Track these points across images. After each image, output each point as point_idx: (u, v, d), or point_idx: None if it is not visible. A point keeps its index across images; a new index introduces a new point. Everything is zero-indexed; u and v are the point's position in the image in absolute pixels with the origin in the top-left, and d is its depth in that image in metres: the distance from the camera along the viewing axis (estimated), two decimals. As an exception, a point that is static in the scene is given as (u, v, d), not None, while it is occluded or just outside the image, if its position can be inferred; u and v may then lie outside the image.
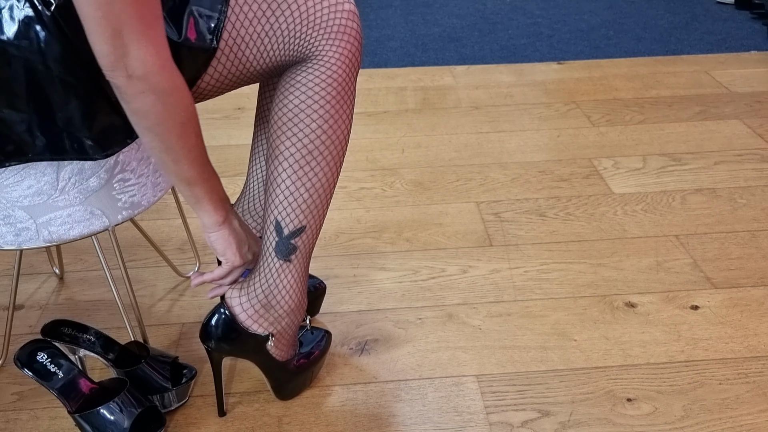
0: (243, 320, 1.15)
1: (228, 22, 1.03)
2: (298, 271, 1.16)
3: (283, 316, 1.17)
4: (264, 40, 1.06)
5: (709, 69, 2.59)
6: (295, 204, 1.12)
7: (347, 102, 1.11)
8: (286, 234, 1.13)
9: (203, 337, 1.16)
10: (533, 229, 1.70)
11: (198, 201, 1.09)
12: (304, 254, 1.15)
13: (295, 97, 1.09)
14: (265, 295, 1.15)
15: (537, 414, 1.21)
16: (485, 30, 3.07)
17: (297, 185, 1.11)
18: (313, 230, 1.14)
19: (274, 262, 1.14)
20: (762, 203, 1.78)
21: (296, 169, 1.11)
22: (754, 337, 1.36)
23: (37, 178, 1.09)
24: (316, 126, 1.10)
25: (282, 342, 1.19)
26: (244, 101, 2.40)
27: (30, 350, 1.19)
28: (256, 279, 1.16)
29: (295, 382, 1.24)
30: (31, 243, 1.14)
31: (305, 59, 1.09)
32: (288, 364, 1.22)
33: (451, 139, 2.14)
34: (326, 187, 1.13)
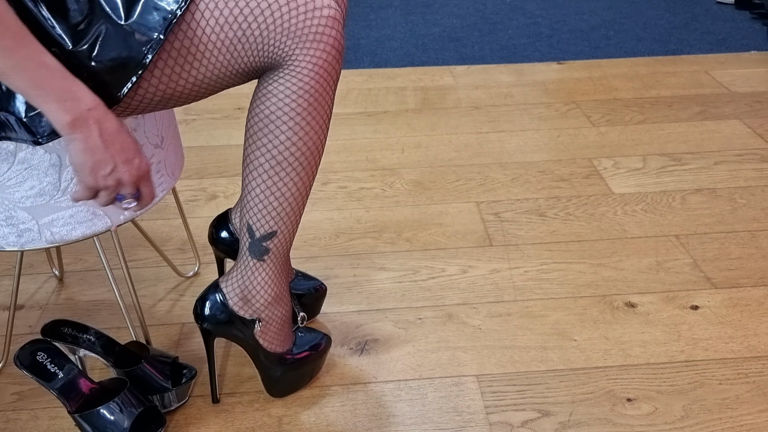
0: (231, 304, 1.19)
1: (184, 23, 0.99)
2: (272, 269, 1.18)
3: (262, 308, 1.19)
4: (229, 46, 1.02)
5: (709, 69, 2.59)
6: (265, 211, 1.13)
7: (321, 112, 1.09)
8: (258, 237, 1.14)
9: (196, 315, 1.20)
10: (533, 229, 1.70)
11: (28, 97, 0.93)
12: (278, 255, 1.17)
13: (266, 107, 1.08)
14: (241, 289, 1.18)
15: (537, 414, 1.21)
16: (485, 30, 3.07)
17: (266, 193, 1.12)
18: (284, 234, 1.15)
19: (248, 260, 1.17)
20: (762, 203, 1.78)
21: (265, 178, 1.11)
22: (754, 337, 1.36)
23: (40, 179, 1.09)
24: (285, 138, 1.08)
25: (270, 331, 1.21)
26: (244, 101, 2.40)
27: (30, 350, 1.19)
28: (235, 272, 1.19)
29: (286, 378, 1.24)
30: (34, 244, 1.14)
31: (277, 66, 1.06)
32: (280, 357, 1.22)
33: (451, 139, 2.14)
34: (297, 195, 1.13)
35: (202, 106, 2.37)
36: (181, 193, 1.86)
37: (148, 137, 1.19)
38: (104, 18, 0.97)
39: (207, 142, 2.15)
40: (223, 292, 1.19)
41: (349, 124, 2.23)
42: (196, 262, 1.59)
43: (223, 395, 1.27)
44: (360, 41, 2.96)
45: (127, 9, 0.97)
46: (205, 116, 2.31)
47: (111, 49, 0.98)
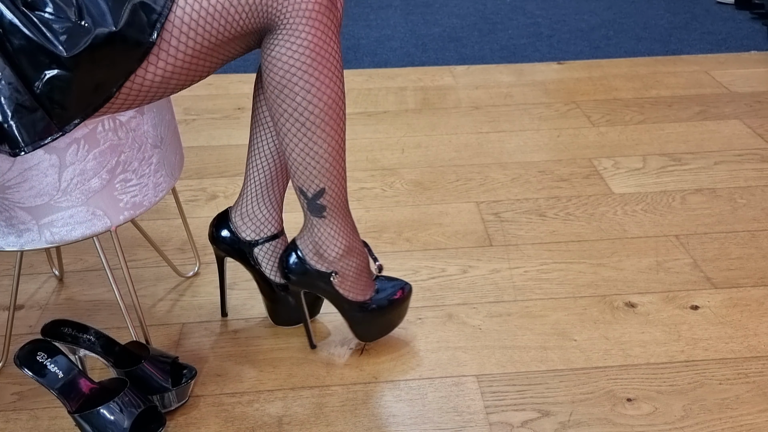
0: (307, 259, 1.27)
1: (177, 7, 1.02)
2: (334, 223, 1.24)
3: (336, 260, 1.26)
4: (221, 16, 1.04)
5: (709, 69, 2.59)
6: (307, 172, 1.18)
7: (330, 62, 1.12)
8: (310, 197, 1.21)
9: (282, 272, 1.29)
10: (533, 229, 1.70)
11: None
12: (335, 209, 1.23)
13: (275, 74, 1.12)
14: (313, 245, 1.26)
15: (537, 414, 1.21)
16: (485, 30, 3.07)
17: (302, 155, 1.17)
18: (333, 189, 1.21)
19: (311, 219, 1.24)
20: (762, 203, 1.78)
21: (296, 141, 1.16)
22: (754, 337, 1.36)
23: (39, 180, 1.09)
24: (301, 98, 1.12)
25: (347, 281, 1.28)
26: (244, 101, 2.40)
27: (30, 350, 1.19)
28: (305, 233, 1.26)
29: (371, 323, 1.31)
30: (34, 244, 1.14)
31: (273, 27, 1.09)
32: (361, 305, 1.29)
33: (451, 139, 2.14)
34: (331, 149, 1.18)
35: (202, 106, 2.37)
36: (181, 193, 1.86)
37: (147, 137, 1.19)
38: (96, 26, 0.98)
39: (207, 142, 2.15)
40: (300, 248, 1.26)
41: (349, 124, 2.23)
42: (196, 262, 1.59)
43: (223, 395, 1.27)
44: (360, 41, 2.96)
45: (115, 13, 0.99)
46: (205, 116, 2.31)
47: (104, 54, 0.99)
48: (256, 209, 1.32)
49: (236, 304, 1.48)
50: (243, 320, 1.44)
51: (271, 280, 1.35)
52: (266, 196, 1.32)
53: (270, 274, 1.35)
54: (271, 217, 1.33)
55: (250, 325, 1.43)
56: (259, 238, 1.33)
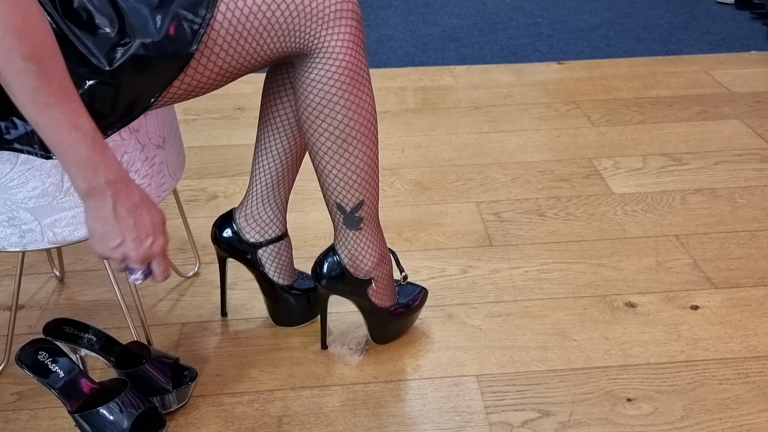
0: (347, 266, 1.27)
1: (215, 21, 1.04)
2: (370, 234, 1.27)
3: (371, 270, 1.28)
4: (257, 36, 1.07)
5: (709, 69, 2.59)
6: (347, 186, 1.21)
7: (363, 81, 1.15)
8: (349, 211, 1.23)
9: (315, 275, 1.29)
10: (533, 229, 1.70)
11: (54, 153, 0.92)
12: (371, 220, 1.26)
13: (314, 95, 1.14)
14: (349, 258, 1.27)
15: (537, 414, 1.21)
16: (485, 30, 3.07)
17: (343, 171, 1.19)
18: (371, 199, 1.24)
19: (347, 233, 1.25)
20: (762, 203, 1.78)
21: (337, 158, 1.18)
22: (754, 337, 1.36)
23: (42, 180, 1.09)
24: (342, 116, 1.15)
25: (380, 288, 1.30)
26: (245, 101, 2.40)
27: (31, 350, 1.19)
28: (340, 248, 1.27)
29: (391, 327, 1.35)
30: (36, 245, 1.14)
31: (309, 53, 1.12)
32: (387, 310, 1.32)
33: (451, 139, 2.14)
34: (369, 161, 1.20)
35: (202, 106, 2.37)
36: (181, 193, 1.86)
37: (150, 138, 1.20)
38: (138, 36, 1.00)
39: (207, 142, 2.15)
40: (340, 256, 1.27)
41: (349, 124, 2.23)
42: (196, 262, 1.59)
43: (223, 395, 1.27)
44: (360, 41, 2.96)
45: (159, 25, 1.00)
46: (205, 116, 2.31)
47: (146, 65, 1.01)
48: (261, 211, 1.32)
49: (236, 304, 1.48)
50: (243, 320, 1.44)
51: (274, 282, 1.35)
52: (272, 197, 1.32)
53: (273, 276, 1.35)
54: (276, 219, 1.33)
55: (250, 326, 1.43)
56: (263, 239, 1.33)
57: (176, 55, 1.02)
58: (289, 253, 1.36)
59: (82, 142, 0.91)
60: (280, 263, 1.35)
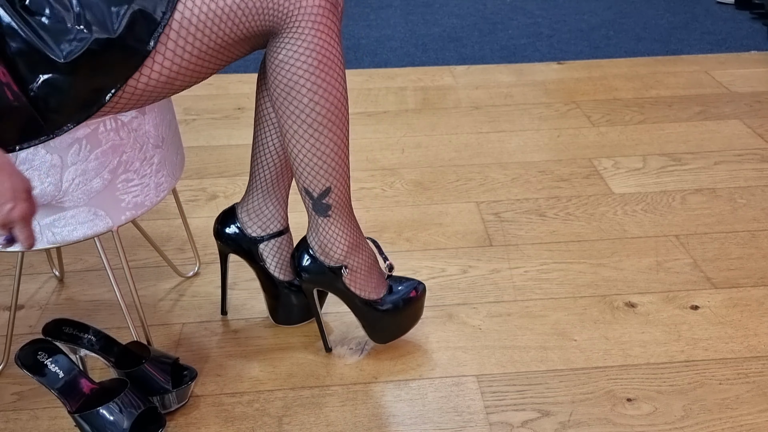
0: (317, 255, 1.27)
1: (173, 21, 1.02)
2: (339, 221, 1.25)
3: (342, 258, 1.26)
4: (229, 13, 1.05)
5: (709, 69, 2.59)
6: (314, 172, 1.19)
7: (333, 66, 1.14)
8: (316, 197, 1.22)
9: (295, 270, 1.31)
10: (533, 229, 1.70)
11: None
12: (340, 207, 1.24)
13: (282, 76, 1.13)
14: (319, 245, 1.26)
15: (537, 414, 1.21)
16: (485, 30, 3.07)
17: (309, 156, 1.18)
18: (339, 187, 1.22)
19: (316, 219, 1.25)
20: (762, 203, 1.78)
21: (303, 143, 1.17)
22: (754, 337, 1.36)
23: (41, 180, 1.09)
24: (308, 99, 1.14)
25: (358, 277, 1.28)
26: (244, 101, 2.40)
27: (31, 350, 1.19)
28: (311, 233, 1.27)
29: (384, 324, 1.31)
30: (35, 245, 1.14)
31: (279, 30, 1.11)
32: (373, 303, 1.29)
33: (451, 139, 2.14)
34: (336, 148, 1.18)
35: (202, 106, 2.37)
36: (181, 193, 1.86)
37: (149, 137, 1.20)
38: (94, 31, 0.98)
39: (207, 142, 2.15)
40: (310, 246, 1.27)
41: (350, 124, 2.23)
42: (196, 262, 1.59)
43: (223, 395, 1.27)
44: (360, 41, 2.96)
45: (116, 21, 0.99)
46: (205, 116, 2.31)
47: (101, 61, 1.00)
48: (263, 206, 1.32)
49: (236, 303, 1.48)
50: (243, 320, 1.44)
51: (275, 277, 1.35)
52: (272, 192, 1.32)
53: (274, 271, 1.35)
54: (277, 214, 1.33)
55: (250, 325, 1.43)
56: (265, 234, 1.33)
57: (133, 52, 1.01)
58: (290, 248, 1.36)
59: None
60: (281, 258, 1.35)
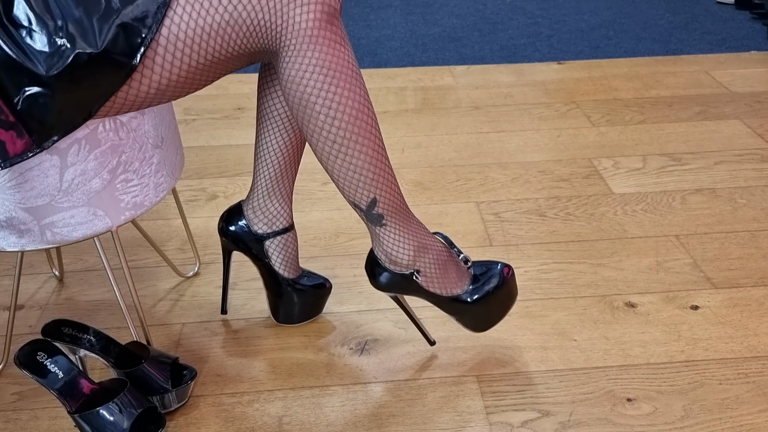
0: (388, 266, 1.24)
1: (160, 36, 1.00)
2: (397, 228, 1.20)
3: (411, 263, 1.22)
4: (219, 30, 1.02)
5: (709, 69, 2.59)
6: (353, 185, 1.15)
7: (344, 73, 1.08)
8: (365, 209, 1.18)
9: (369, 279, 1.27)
10: (533, 229, 1.70)
11: None
12: (393, 214, 1.19)
13: (293, 97, 1.09)
14: (385, 255, 1.22)
15: (537, 414, 1.21)
16: (485, 30, 3.07)
17: (344, 170, 1.14)
18: (386, 195, 1.17)
19: (375, 231, 1.21)
20: (762, 203, 1.78)
21: (334, 159, 1.13)
22: (754, 337, 1.36)
23: (41, 180, 1.09)
24: (324, 116, 1.09)
25: (434, 278, 1.23)
26: (245, 101, 2.40)
27: (30, 350, 1.19)
28: (375, 244, 1.23)
29: (476, 314, 1.26)
30: (35, 245, 1.14)
31: (277, 49, 1.06)
32: (458, 298, 1.25)
33: (451, 139, 2.14)
34: (371, 158, 1.13)
35: (202, 106, 2.37)
36: (181, 193, 1.86)
37: (148, 137, 1.20)
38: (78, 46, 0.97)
39: (207, 142, 2.15)
40: (378, 257, 1.24)
41: (349, 124, 2.23)
42: (196, 262, 1.59)
43: (223, 395, 1.27)
44: (360, 41, 2.96)
45: (100, 36, 0.97)
46: (205, 116, 2.31)
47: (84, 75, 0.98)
48: (268, 203, 1.32)
49: (237, 303, 1.48)
50: (243, 320, 1.44)
51: (279, 275, 1.35)
52: (276, 190, 1.32)
53: (279, 268, 1.35)
54: (282, 210, 1.33)
55: (250, 325, 1.43)
56: (270, 231, 1.33)
57: (118, 67, 0.99)
58: (295, 245, 1.36)
59: None
60: (286, 255, 1.35)
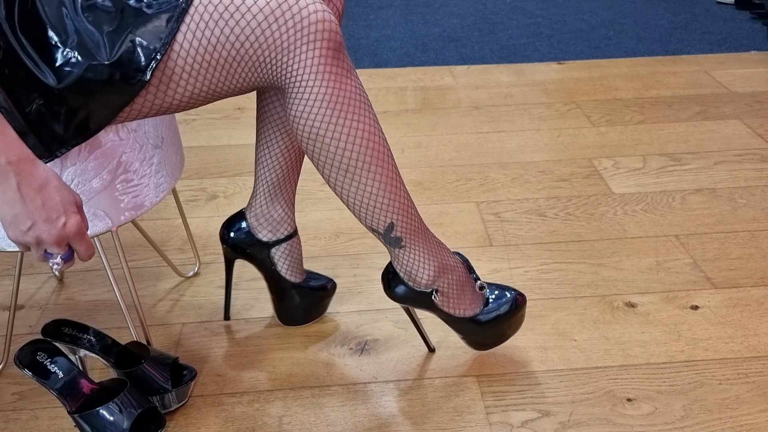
0: (408, 282, 1.23)
1: (172, 51, 0.99)
2: (416, 249, 1.19)
3: (431, 282, 1.21)
4: (219, 68, 1.01)
5: (709, 69, 2.59)
6: (370, 212, 1.14)
7: (351, 105, 1.07)
8: (383, 233, 1.17)
9: (385, 289, 1.26)
10: (533, 229, 1.70)
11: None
12: (411, 236, 1.18)
13: (301, 131, 1.07)
14: (405, 273, 1.22)
15: (537, 414, 1.21)
16: (485, 30, 3.07)
17: (359, 198, 1.12)
18: (402, 219, 1.15)
19: (394, 251, 1.20)
20: (762, 203, 1.78)
21: (347, 188, 1.12)
22: (754, 337, 1.36)
23: (38, 179, 1.09)
24: (334, 148, 1.08)
25: (450, 298, 1.23)
26: (245, 101, 2.40)
27: (30, 350, 1.19)
28: (395, 264, 1.22)
29: (484, 336, 1.27)
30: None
31: (283, 86, 1.05)
32: (471, 320, 1.25)
33: (451, 139, 2.14)
34: (384, 185, 1.12)
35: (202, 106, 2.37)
36: (181, 193, 1.86)
37: (148, 138, 1.20)
38: (88, 58, 0.97)
39: (207, 142, 2.15)
40: (398, 275, 1.23)
41: (349, 124, 2.23)
42: (196, 262, 1.59)
43: (223, 395, 1.27)
44: (360, 41, 2.96)
45: (111, 50, 0.97)
46: (205, 116, 2.31)
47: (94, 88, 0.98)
48: (272, 209, 1.32)
49: (236, 304, 1.48)
50: (243, 321, 1.44)
51: (285, 280, 1.35)
52: (279, 195, 1.31)
53: (286, 274, 1.34)
54: (286, 216, 1.32)
55: (250, 326, 1.43)
56: (276, 238, 1.32)
57: (127, 82, 0.98)
58: (299, 250, 1.36)
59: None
60: (292, 261, 1.34)
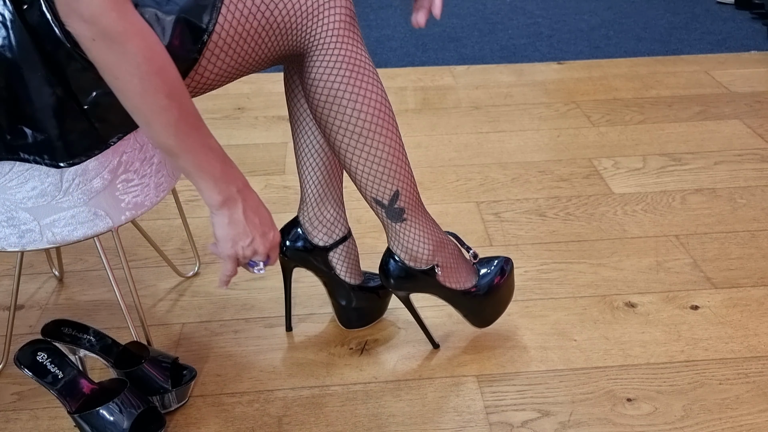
0: (407, 263, 1.25)
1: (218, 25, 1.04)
2: (417, 221, 1.23)
3: (431, 257, 1.25)
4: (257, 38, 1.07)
5: (709, 69, 2.59)
6: (377, 179, 1.18)
7: (365, 72, 1.14)
8: (387, 204, 1.20)
9: (383, 279, 1.28)
10: (533, 229, 1.70)
11: (188, 175, 1.03)
12: (413, 208, 1.22)
13: (320, 94, 1.13)
14: (405, 252, 1.24)
15: (537, 414, 1.21)
16: (485, 30, 3.07)
17: (368, 165, 1.17)
18: (406, 188, 1.20)
19: (395, 228, 1.23)
20: (762, 203, 1.78)
21: (359, 153, 1.16)
22: (754, 337, 1.36)
23: (41, 180, 1.09)
24: (351, 110, 1.13)
25: (450, 272, 1.26)
26: (244, 101, 2.40)
27: (30, 350, 1.19)
28: (392, 243, 1.25)
29: (485, 307, 1.31)
30: (35, 244, 1.14)
31: (306, 51, 1.12)
32: (467, 292, 1.28)
33: (451, 139, 2.14)
34: (392, 150, 1.17)
35: (202, 107, 2.36)
36: (181, 193, 1.86)
37: (148, 137, 1.19)
38: None
39: (207, 142, 2.15)
40: (396, 255, 1.25)
41: (349, 124, 2.23)
42: (196, 262, 1.59)
43: (223, 395, 1.27)
44: (360, 41, 2.96)
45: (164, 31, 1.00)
46: (205, 116, 2.30)
47: None
48: (323, 210, 1.31)
49: (237, 304, 1.48)
50: (243, 320, 1.44)
51: (346, 283, 1.35)
52: (327, 195, 1.31)
53: (345, 277, 1.34)
54: (339, 216, 1.32)
55: (250, 325, 1.43)
56: (332, 241, 1.32)
57: (180, 61, 1.01)
58: (356, 251, 1.36)
59: (216, 159, 1.04)
60: (350, 263, 1.34)
